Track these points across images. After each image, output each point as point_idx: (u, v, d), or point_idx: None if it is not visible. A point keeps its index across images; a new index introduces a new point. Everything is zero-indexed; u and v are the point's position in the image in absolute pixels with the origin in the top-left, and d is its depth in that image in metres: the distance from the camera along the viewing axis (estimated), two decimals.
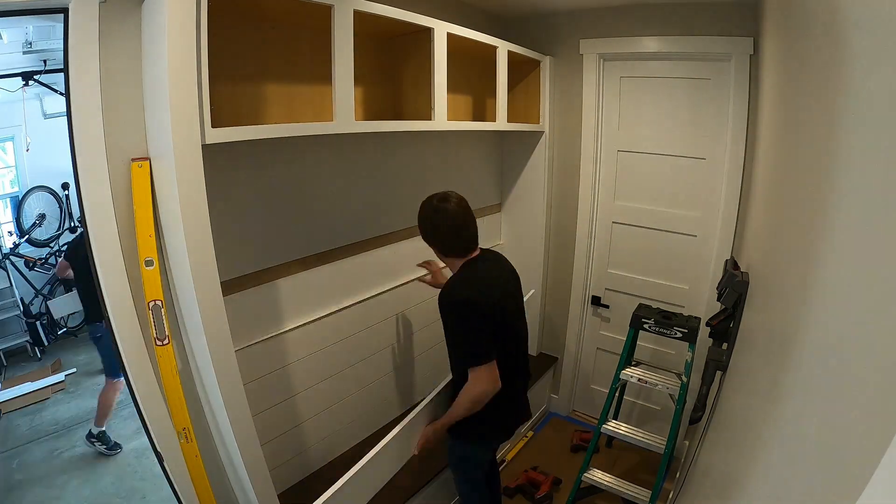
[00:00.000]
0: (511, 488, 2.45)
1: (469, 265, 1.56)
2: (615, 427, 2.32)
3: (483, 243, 2.76)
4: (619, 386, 2.29)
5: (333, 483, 1.36)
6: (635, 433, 2.30)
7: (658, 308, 2.29)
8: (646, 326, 2.19)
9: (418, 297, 2.38)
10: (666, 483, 2.52)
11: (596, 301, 2.86)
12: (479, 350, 1.46)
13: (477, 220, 1.62)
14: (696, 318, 2.17)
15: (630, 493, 2.21)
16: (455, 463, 1.83)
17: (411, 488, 1.93)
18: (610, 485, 2.27)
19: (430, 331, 2.50)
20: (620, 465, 2.67)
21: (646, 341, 2.61)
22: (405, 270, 2.26)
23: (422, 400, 2.51)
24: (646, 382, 2.22)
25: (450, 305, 1.48)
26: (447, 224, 1.52)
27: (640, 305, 2.33)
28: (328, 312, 1.92)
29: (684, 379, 2.13)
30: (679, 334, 2.10)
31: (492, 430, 1.69)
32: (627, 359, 2.27)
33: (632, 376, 2.25)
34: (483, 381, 1.47)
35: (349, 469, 1.41)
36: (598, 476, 2.30)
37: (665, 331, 2.14)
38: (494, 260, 1.64)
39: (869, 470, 0.43)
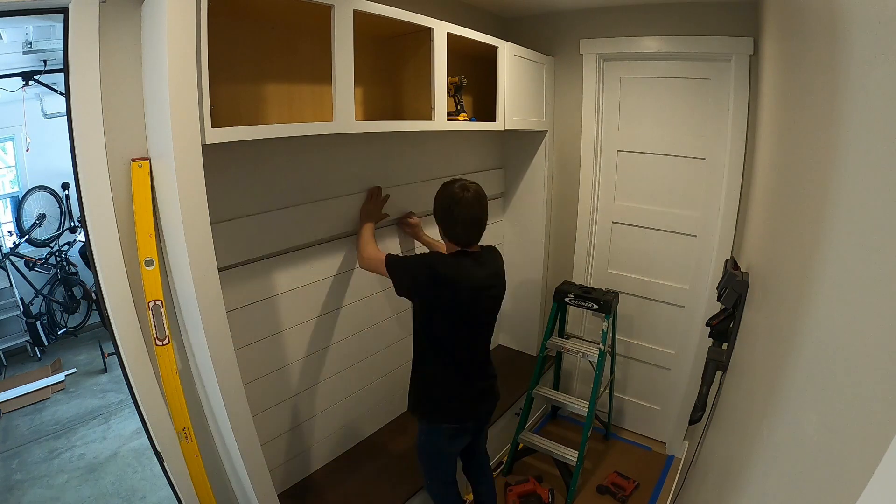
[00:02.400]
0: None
1: (459, 255, 1.60)
2: (546, 392, 2.59)
3: (483, 244, 2.79)
4: (547, 355, 2.55)
5: (333, 483, 1.36)
6: (560, 396, 2.59)
7: (580, 284, 2.58)
8: (566, 300, 2.46)
9: None
10: (666, 482, 2.53)
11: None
12: (402, 259, 1.64)
13: None
14: (612, 292, 2.43)
15: (559, 453, 2.41)
16: (421, 452, 1.79)
17: (411, 489, 1.93)
18: (543, 447, 2.47)
19: None
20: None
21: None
22: None
23: None
24: (567, 350, 2.48)
25: (417, 259, 1.62)
26: (460, 214, 1.55)
27: (564, 282, 2.59)
28: (328, 311, 1.92)
29: (601, 347, 2.34)
30: (595, 306, 2.36)
31: (442, 410, 1.68)
32: (551, 330, 2.50)
33: (555, 345, 2.52)
34: (373, 256, 1.69)
35: (349, 469, 1.40)
36: (534, 439, 2.51)
37: (583, 304, 2.41)
38: (484, 263, 1.64)
39: (869, 470, 0.43)
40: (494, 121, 2.18)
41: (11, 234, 4.27)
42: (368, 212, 1.88)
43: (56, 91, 3.51)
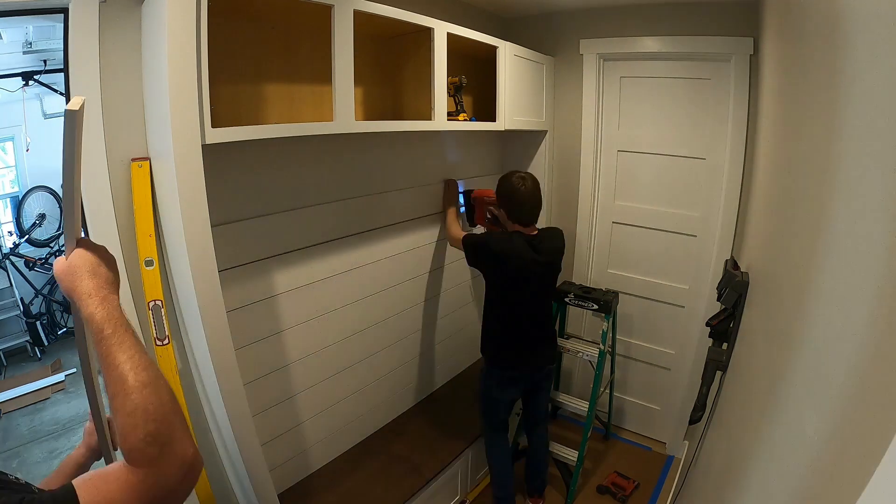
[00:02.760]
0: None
1: (514, 235, 1.90)
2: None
3: None
4: None
5: (333, 483, 1.35)
6: (560, 396, 2.58)
7: (580, 284, 2.61)
8: (566, 300, 2.48)
9: (419, 296, 2.38)
10: (666, 482, 2.53)
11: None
12: (470, 241, 1.98)
13: None
14: (612, 292, 2.45)
15: (559, 453, 2.41)
16: (479, 394, 2.14)
17: (411, 488, 1.93)
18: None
19: (431, 330, 2.50)
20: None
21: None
22: (405, 269, 2.26)
23: (423, 399, 2.51)
24: (567, 350, 2.47)
25: (480, 237, 1.97)
26: (520, 200, 1.89)
27: (564, 282, 2.60)
28: (327, 311, 1.92)
29: (601, 347, 2.34)
30: (595, 306, 2.38)
31: (494, 357, 2.03)
32: None
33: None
34: (456, 236, 2.11)
35: (348, 469, 1.40)
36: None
37: (583, 304, 2.43)
38: (539, 243, 1.90)
39: (869, 470, 0.43)
40: (494, 121, 2.18)
41: (11, 234, 4.27)
42: (448, 199, 2.32)
43: (56, 91, 3.51)
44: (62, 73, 1.19)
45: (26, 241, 4.23)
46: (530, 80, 2.40)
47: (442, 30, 1.76)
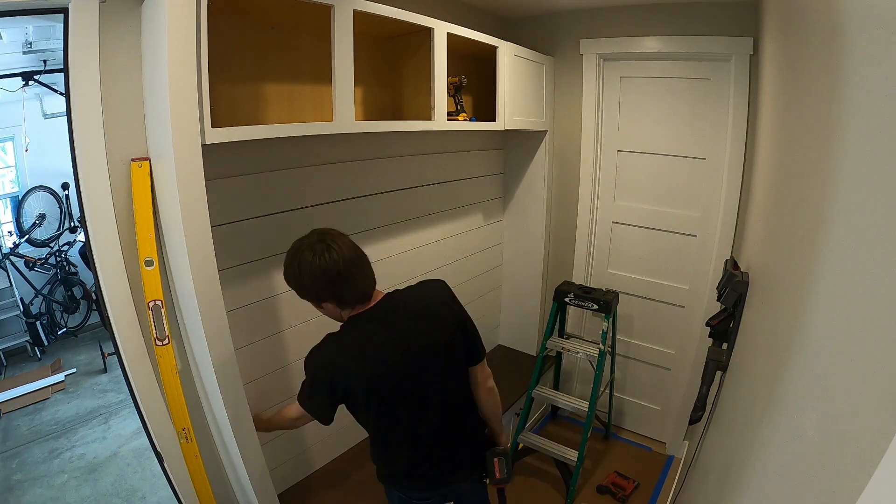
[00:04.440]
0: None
1: (352, 324, 1.26)
2: (545, 392, 2.56)
3: (483, 244, 2.80)
4: (547, 355, 2.54)
5: (333, 483, 1.35)
6: (560, 396, 2.55)
7: (580, 284, 2.56)
8: (566, 300, 2.45)
9: None
10: (666, 482, 2.53)
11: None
12: (305, 393, 1.26)
13: (477, 219, 1.61)
14: (612, 292, 2.42)
15: (560, 453, 2.40)
16: None
17: None
18: (543, 447, 2.45)
19: None
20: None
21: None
22: (405, 269, 2.26)
23: None
24: (567, 350, 2.47)
25: (309, 375, 1.25)
26: (331, 276, 1.16)
27: (564, 282, 2.57)
28: None
29: (601, 347, 2.33)
30: (595, 306, 2.35)
31: (396, 479, 1.39)
32: (551, 330, 2.49)
33: (555, 345, 2.50)
34: (291, 412, 1.35)
35: (349, 469, 1.39)
36: (534, 439, 2.49)
37: (583, 304, 2.39)
38: (391, 313, 1.26)
39: (869, 470, 0.43)
40: (494, 121, 2.18)
41: (11, 234, 4.27)
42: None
43: (56, 91, 3.51)
44: (62, 73, 1.19)
45: (26, 241, 4.23)
46: (530, 80, 2.40)
47: (442, 30, 1.76)
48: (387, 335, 1.23)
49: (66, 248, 4.44)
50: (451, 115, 2.00)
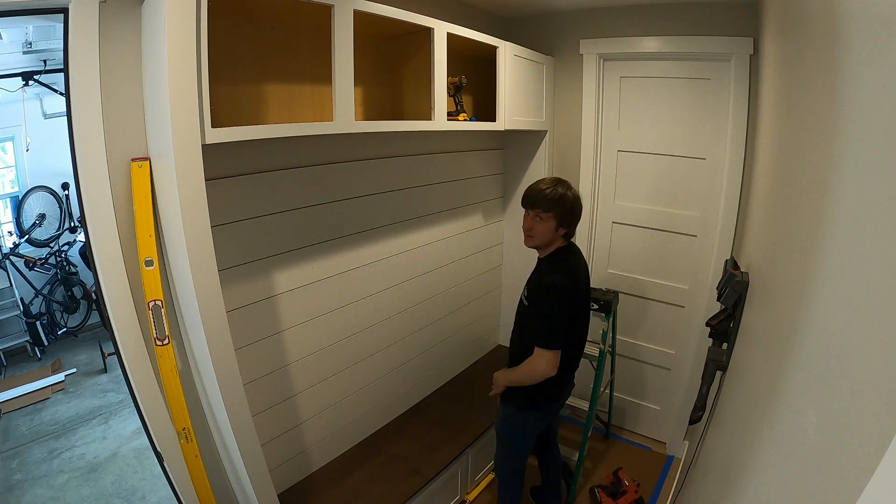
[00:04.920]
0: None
1: (563, 251, 1.71)
2: None
3: (483, 244, 2.80)
4: None
5: (333, 483, 1.35)
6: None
7: None
8: None
9: (419, 296, 2.38)
10: (666, 482, 2.53)
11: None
12: (552, 336, 1.60)
13: (477, 219, 1.64)
14: (612, 291, 2.42)
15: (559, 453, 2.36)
16: (500, 427, 1.91)
17: (411, 488, 1.93)
18: None
19: (431, 330, 2.50)
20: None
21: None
22: (405, 269, 2.26)
23: (423, 399, 2.51)
24: None
25: (542, 285, 1.64)
26: (579, 212, 1.70)
27: None
28: (328, 311, 1.92)
29: (601, 347, 2.34)
30: (595, 306, 2.34)
31: (539, 400, 1.78)
32: None
33: None
34: (544, 363, 1.60)
35: (348, 469, 1.40)
36: None
37: None
38: (577, 254, 1.78)
39: (869, 470, 0.43)
40: (494, 121, 2.18)
41: (11, 234, 4.27)
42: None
43: (56, 91, 3.51)
44: (62, 73, 1.19)
45: (26, 241, 4.23)
46: (530, 80, 2.41)
47: (442, 30, 1.76)
48: (582, 268, 1.75)
49: (66, 248, 4.44)
50: (451, 115, 2.00)
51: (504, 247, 3.00)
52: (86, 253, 2.42)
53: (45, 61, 3.33)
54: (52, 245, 4.37)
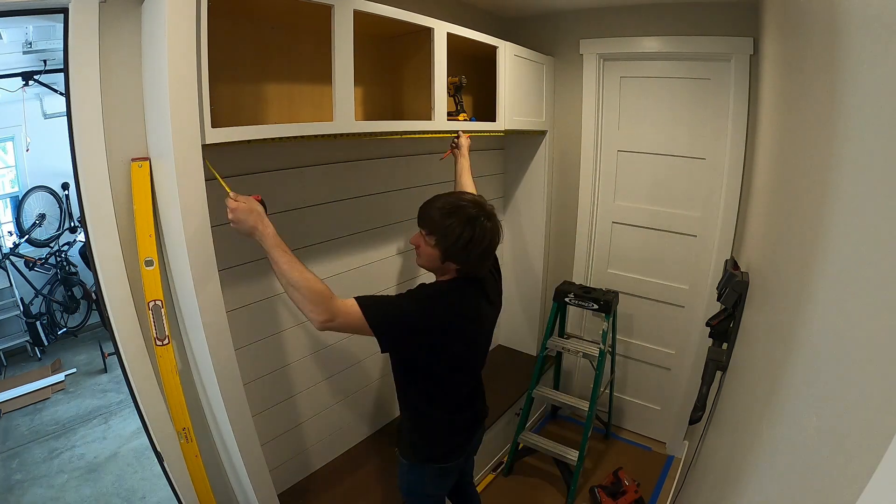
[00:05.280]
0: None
1: (457, 283, 1.34)
2: (546, 392, 2.57)
3: None
4: (547, 355, 2.53)
5: (333, 483, 1.35)
6: (560, 396, 2.57)
7: (580, 284, 2.57)
8: (566, 300, 2.45)
9: None
10: (666, 482, 2.53)
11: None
12: (372, 303, 1.22)
13: None
14: (612, 291, 2.43)
15: (560, 453, 2.41)
16: (399, 484, 1.57)
17: None
18: (543, 447, 2.46)
19: None
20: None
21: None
22: (406, 269, 2.26)
23: None
24: (568, 350, 2.48)
25: (410, 303, 1.27)
26: (479, 246, 1.27)
27: (564, 282, 2.57)
28: None
29: (601, 347, 2.33)
30: (595, 306, 2.36)
31: (438, 451, 1.47)
32: (551, 330, 2.49)
33: (556, 345, 2.51)
34: (326, 301, 1.16)
35: (348, 469, 1.40)
36: (535, 439, 2.50)
37: (583, 303, 2.40)
38: (488, 286, 1.44)
39: (869, 470, 0.43)
40: (494, 121, 2.18)
41: (11, 234, 4.27)
42: (255, 217, 1.18)
43: (56, 91, 3.51)
44: (62, 73, 1.19)
45: (26, 241, 4.23)
46: (530, 80, 2.40)
47: (442, 30, 1.76)
48: (483, 302, 1.40)
49: (66, 248, 4.44)
50: (451, 115, 2.00)
51: (504, 247, 3.00)
52: (86, 253, 2.42)
53: (45, 61, 3.32)
54: (52, 245, 4.37)
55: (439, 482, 1.53)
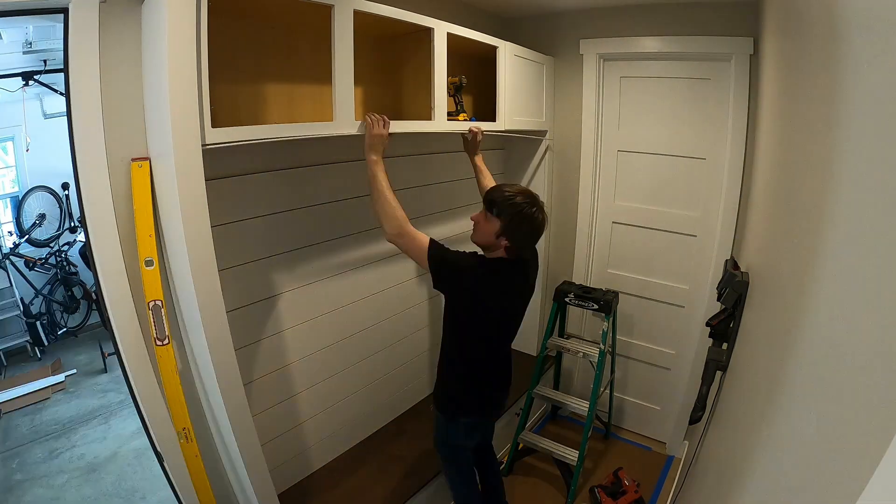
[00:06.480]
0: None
1: (504, 263, 1.54)
2: (546, 392, 2.58)
3: None
4: (547, 355, 2.56)
5: (333, 483, 1.35)
6: (560, 396, 2.57)
7: (580, 284, 2.58)
8: (566, 300, 2.47)
9: (418, 296, 2.38)
10: (666, 482, 2.53)
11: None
12: (438, 246, 1.48)
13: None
14: (612, 292, 2.44)
15: (560, 453, 2.42)
16: (440, 444, 1.80)
17: (411, 489, 1.93)
18: (543, 447, 2.47)
19: (431, 330, 2.50)
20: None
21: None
22: (406, 269, 2.26)
23: (423, 399, 2.51)
24: (568, 350, 2.49)
25: (468, 258, 1.51)
26: (530, 233, 1.52)
27: (564, 282, 2.59)
28: (328, 311, 1.92)
29: (601, 347, 2.34)
30: (595, 306, 2.37)
31: (465, 407, 1.69)
32: (551, 330, 2.50)
33: (556, 345, 2.52)
34: (407, 229, 1.48)
35: (349, 468, 1.40)
36: (535, 439, 2.51)
37: (583, 303, 2.41)
38: (528, 267, 1.65)
39: (869, 470, 0.43)
40: (494, 121, 2.18)
41: (11, 234, 4.27)
42: (382, 141, 1.51)
43: (56, 91, 3.51)
44: (62, 73, 1.19)
45: (26, 241, 4.23)
46: (530, 80, 2.40)
47: (442, 30, 1.76)
48: (521, 280, 1.63)
49: (66, 248, 4.44)
50: (451, 115, 2.00)
51: None
52: (86, 253, 2.42)
53: (45, 61, 3.33)
54: (52, 245, 4.37)
55: (468, 435, 1.76)
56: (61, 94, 2.17)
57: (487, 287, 1.50)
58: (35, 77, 3.35)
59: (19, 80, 3.34)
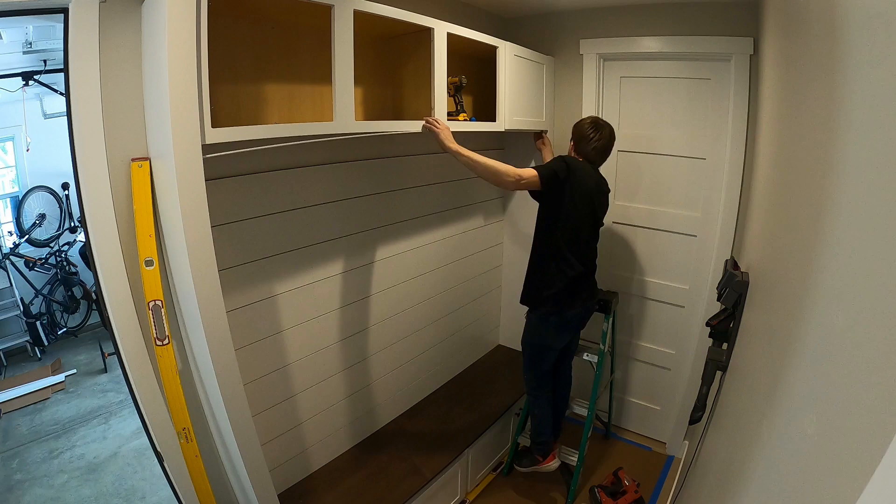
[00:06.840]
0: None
1: (575, 159, 1.92)
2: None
3: (483, 244, 2.80)
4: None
5: (333, 483, 1.35)
6: None
7: None
8: None
9: (418, 296, 2.38)
10: (666, 482, 2.53)
11: None
12: (543, 166, 1.85)
13: (478, 219, 1.62)
14: (612, 292, 2.49)
15: (560, 453, 2.38)
16: (527, 344, 2.10)
17: (411, 488, 1.93)
18: None
19: (431, 330, 2.50)
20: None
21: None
22: (406, 269, 2.26)
23: (423, 399, 2.51)
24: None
25: (550, 164, 1.86)
26: (593, 142, 1.94)
27: None
28: (328, 311, 1.92)
29: (601, 347, 2.36)
30: (595, 306, 2.32)
31: (552, 303, 1.95)
32: None
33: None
34: (513, 170, 1.79)
35: (348, 469, 1.40)
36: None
37: None
38: (590, 171, 1.95)
39: (869, 470, 0.43)
40: (494, 121, 2.18)
41: (11, 234, 4.27)
42: (449, 132, 1.79)
43: (56, 91, 3.51)
44: (62, 73, 1.19)
45: (26, 241, 4.23)
46: (530, 80, 2.40)
47: (442, 30, 1.76)
48: (595, 176, 1.98)
49: (66, 248, 4.44)
50: (451, 115, 2.00)
51: (504, 247, 3.00)
52: (86, 253, 2.42)
53: (45, 61, 3.32)
54: (52, 245, 4.37)
55: (557, 334, 2.03)
56: (61, 94, 2.17)
57: (570, 167, 1.82)
58: (35, 77, 3.35)
59: (19, 80, 3.34)
